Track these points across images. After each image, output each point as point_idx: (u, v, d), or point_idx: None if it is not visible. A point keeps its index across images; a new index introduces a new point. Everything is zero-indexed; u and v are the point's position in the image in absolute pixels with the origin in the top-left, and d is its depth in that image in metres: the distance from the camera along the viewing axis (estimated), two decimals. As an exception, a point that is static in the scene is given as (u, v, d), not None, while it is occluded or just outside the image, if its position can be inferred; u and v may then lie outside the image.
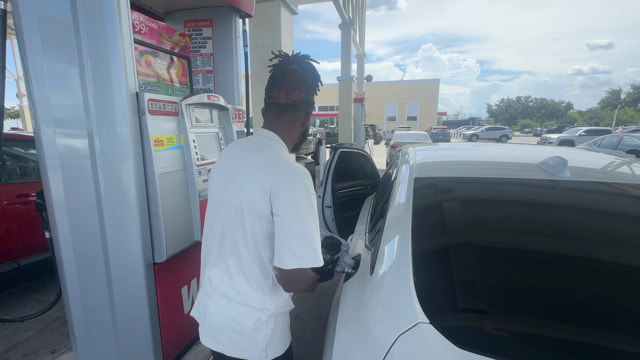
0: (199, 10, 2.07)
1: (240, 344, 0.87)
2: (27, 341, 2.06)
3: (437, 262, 0.90)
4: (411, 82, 32.45)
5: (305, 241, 0.79)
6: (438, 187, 1.24)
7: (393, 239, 1.04)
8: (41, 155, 1.36)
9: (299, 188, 0.80)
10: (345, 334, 0.85)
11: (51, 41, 1.24)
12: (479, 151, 1.85)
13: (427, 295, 0.77)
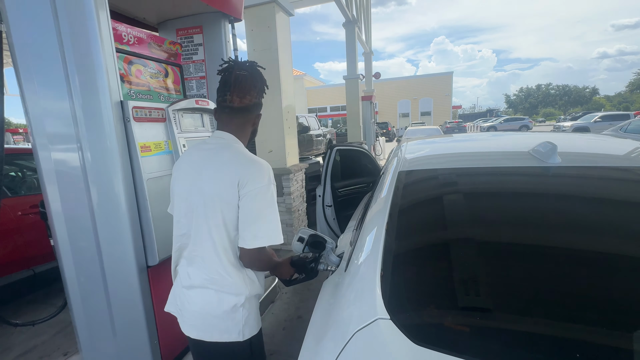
0: (189, 18, 2.12)
1: (220, 327, 0.96)
2: (42, 345, 2.17)
3: (408, 257, 0.87)
4: (423, 76, 31.78)
5: (264, 223, 0.91)
6: (420, 179, 1.20)
7: (369, 235, 1.01)
8: (39, 168, 1.42)
9: (262, 179, 0.91)
10: (313, 332, 0.83)
11: (39, 59, 1.29)
12: (474, 142, 1.79)
13: (392, 291, 0.74)
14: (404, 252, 0.88)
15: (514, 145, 1.52)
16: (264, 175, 0.92)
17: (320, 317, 0.88)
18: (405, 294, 0.75)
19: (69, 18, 1.22)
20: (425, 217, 1.02)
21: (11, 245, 2.25)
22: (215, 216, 0.92)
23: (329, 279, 1.12)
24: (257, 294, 1.04)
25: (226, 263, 0.94)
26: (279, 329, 2.20)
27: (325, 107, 31.61)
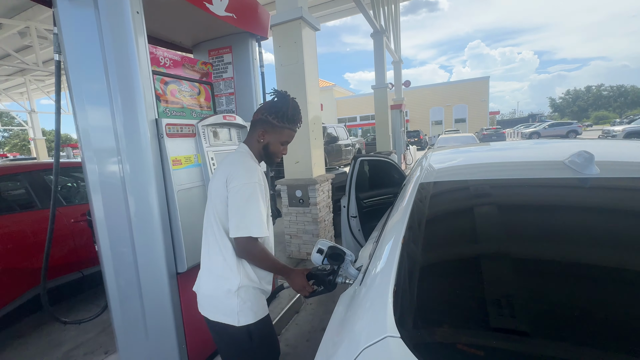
0: (220, 39, 2.26)
1: (218, 308, 1.11)
2: (87, 342, 2.36)
3: (423, 273, 0.83)
4: (457, 82, 30.68)
5: (243, 216, 1.04)
6: (442, 192, 1.16)
7: (385, 248, 0.99)
8: (86, 179, 1.59)
9: (243, 178, 1.06)
10: (325, 346, 0.83)
11: (88, 82, 1.46)
12: (504, 151, 1.69)
13: (404, 308, 0.72)
14: (419, 268, 0.85)
15: (548, 154, 1.41)
16: (246, 175, 1.06)
17: (333, 331, 0.87)
18: (418, 311, 0.72)
19: (113, 46, 1.37)
20: (444, 232, 0.98)
21: (64, 249, 2.51)
22: (214, 208, 1.10)
23: (346, 291, 1.11)
24: (255, 287, 1.13)
25: (223, 250, 1.09)
26: (302, 340, 2.19)
27: (355, 116, 31.64)
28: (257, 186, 1.06)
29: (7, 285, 2.19)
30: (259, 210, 1.05)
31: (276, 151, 1.19)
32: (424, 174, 1.38)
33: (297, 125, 1.19)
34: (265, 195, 1.13)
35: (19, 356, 2.24)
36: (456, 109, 29.46)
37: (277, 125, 1.13)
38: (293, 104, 1.15)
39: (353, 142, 11.44)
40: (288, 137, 1.19)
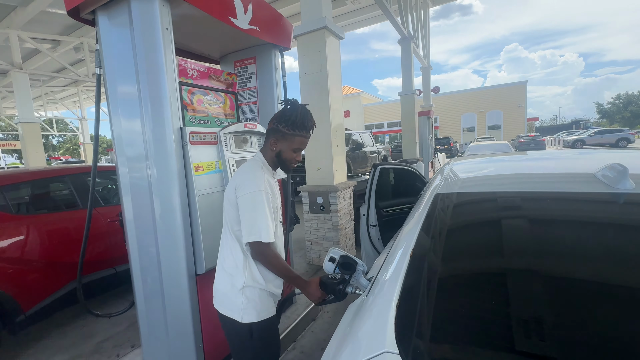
0: (245, 50, 2.36)
1: (224, 302, 1.20)
2: (118, 335, 2.51)
3: (430, 288, 0.81)
4: (492, 87, 29.31)
5: (253, 223, 1.10)
6: (458, 204, 1.12)
7: (394, 260, 0.97)
8: (119, 182, 1.72)
9: (250, 187, 1.12)
10: (326, 356, 0.82)
11: (123, 93, 1.59)
12: (531, 162, 1.59)
13: (407, 323, 0.70)
14: (426, 282, 0.82)
15: (578, 165, 1.31)
16: (253, 184, 1.12)
17: (337, 341, 0.86)
18: (420, 327, 0.70)
19: (145, 60, 1.48)
20: (457, 247, 0.94)
21: (100, 247, 2.70)
22: (227, 212, 1.19)
23: (354, 302, 1.10)
24: (261, 289, 1.18)
25: (233, 250, 1.18)
26: (317, 348, 2.18)
27: (383, 123, 31.29)
28: (264, 194, 1.12)
29: (51, 278, 2.40)
30: (265, 216, 1.11)
31: (289, 158, 1.22)
32: (441, 184, 1.34)
33: (308, 132, 1.21)
34: (273, 203, 1.17)
35: (58, 344, 2.43)
36: (490, 115, 28.15)
37: (288, 133, 1.17)
38: (302, 112, 1.18)
39: (379, 149, 11.31)
40: (300, 144, 1.21)
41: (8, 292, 2.15)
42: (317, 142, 3.54)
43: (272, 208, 1.16)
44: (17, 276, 2.22)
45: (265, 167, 1.23)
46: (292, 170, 1.29)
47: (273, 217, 1.16)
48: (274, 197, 1.19)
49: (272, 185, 1.19)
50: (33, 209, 2.59)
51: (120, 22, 1.53)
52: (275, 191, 1.21)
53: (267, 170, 1.23)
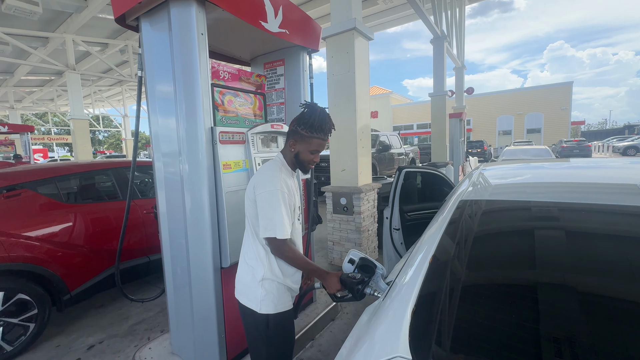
0: (274, 53, 2.43)
1: (244, 292, 1.27)
2: (149, 319, 2.68)
3: (449, 296, 0.79)
4: (532, 89, 27.49)
5: (269, 219, 1.16)
6: (482, 212, 1.08)
7: (413, 265, 0.96)
8: (154, 176, 1.84)
9: (267, 186, 1.18)
10: (340, 355, 0.83)
11: (161, 92, 1.70)
12: (570, 170, 1.49)
13: (422, 330, 0.70)
14: (445, 290, 0.81)
15: (624, 176, 1.21)
16: (270, 183, 1.18)
17: (352, 341, 0.87)
18: (436, 336, 0.69)
19: (181, 63, 1.57)
20: (479, 256, 0.92)
21: (136, 237, 2.90)
22: (247, 209, 1.26)
23: (372, 304, 1.10)
24: (279, 282, 1.24)
25: (253, 244, 1.26)
26: (335, 348, 2.19)
27: (412, 124, 30.52)
28: (279, 192, 1.17)
29: (94, 262, 2.62)
30: (281, 213, 1.16)
31: (306, 159, 1.26)
32: (468, 190, 1.30)
33: (326, 135, 1.25)
34: (290, 202, 1.22)
35: (97, 323, 2.65)
36: (529, 118, 26.47)
37: (306, 135, 1.22)
38: (321, 115, 1.21)
39: (406, 151, 11.06)
40: (318, 146, 1.25)
41: (57, 272, 2.38)
42: (343, 143, 3.55)
43: (289, 206, 1.21)
44: (65, 259, 2.44)
45: (285, 167, 1.28)
46: (309, 171, 1.33)
47: (289, 214, 1.21)
48: (291, 196, 1.24)
49: (289, 185, 1.23)
50: (80, 198, 2.84)
51: (160, 28, 1.63)
52: (292, 190, 1.26)
53: (286, 171, 1.28)
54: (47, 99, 18.15)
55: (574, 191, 1.11)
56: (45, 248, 2.35)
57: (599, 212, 0.90)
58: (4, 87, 13.72)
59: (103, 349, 2.31)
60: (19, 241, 2.25)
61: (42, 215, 2.43)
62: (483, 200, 1.16)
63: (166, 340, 2.09)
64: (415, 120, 30.31)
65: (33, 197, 2.45)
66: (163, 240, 1.89)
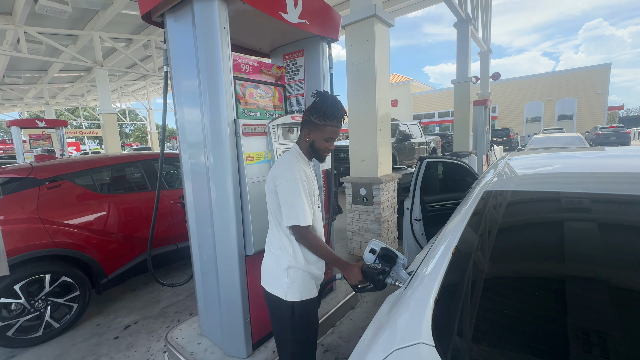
0: (294, 44, 2.42)
1: (271, 281, 1.31)
2: (178, 303, 2.84)
3: (473, 286, 0.79)
4: (565, 72, 25.73)
5: (291, 208, 1.19)
6: (508, 203, 1.06)
7: (435, 255, 0.97)
8: (181, 167, 1.92)
9: (287, 176, 1.21)
10: (361, 345, 0.86)
11: (186, 86, 1.76)
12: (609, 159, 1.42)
13: (445, 318, 0.71)
14: (468, 280, 0.81)
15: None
16: (289, 173, 1.20)
17: (373, 329, 0.90)
18: (459, 325, 0.70)
19: (204, 56, 1.61)
20: (504, 247, 0.91)
21: (164, 225, 3.06)
22: (269, 200, 1.30)
23: (393, 294, 1.12)
24: (304, 270, 1.27)
25: (278, 234, 1.29)
26: (355, 336, 2.24)
27: (433, 112, 29.61)
28: (299, 181, 1.19)
29: (127, 249, 2.79)
30: (302, 201, 1.18)
31: (321, 147, 1.28)
32: (493, 180, 1.27)
33: (339, 122, 1.26)
34: (310, 190, 1.25)
35: (132, 305, 2.84)
36: (561, 103, 24.94)
37: (319, 123, 1.23)
38: (332, 102, 1.22)
39: (427, 141, 10.79)
40: (331, 134, 1.26)
41: (95, 257, 2.56)
42: (362, 133, 3.52)
43: (309, 194, 1.24)
44: (102, 245, 2.62)
45: (301, 157, 1.31)
46: (324, 159, 1.35)
47: (310, 202, 1.24)
48: (310, 184, 1.26)
49: (307, 174, 1.26)
50: (112, 189, 3.01)
51: (184, 23, 1.68)
52: (310, 179, 1.28)
53: (303, 160, 1.30)
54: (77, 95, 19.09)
55: (607, 182, 1.06)
56: (84, 235, 2.53)
57: (634, 203, 0.86)
58: (40, 84, 14.54)
59: (138, 328, 2.48)
60: (61, 229, 2.43)
61: (80, 205, 2.61)
62: (509, 191, 1.13)
63: (195, 322, 2.22)
64: (436, 108, 29.37)
65: (71, 188, 2.63)
66: (190, 229, 1.99)
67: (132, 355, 2.16)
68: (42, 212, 2.38)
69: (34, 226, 2.31)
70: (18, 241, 2.21)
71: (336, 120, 1.24)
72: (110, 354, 2.20)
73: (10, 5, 7.10)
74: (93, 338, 2.38)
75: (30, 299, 2.26)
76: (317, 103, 1.24)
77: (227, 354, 1.87)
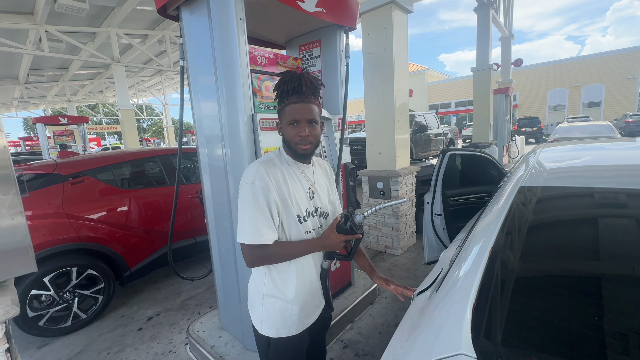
0: (310, 34, 2.35)
1: (250, 305, 1.10)
2: (198, 295, 2.89)
3: (515, 291, 0.73)
4: (591, 57, 24.32)
5: (239, 222, 0.96)
6: (550, 198, 0.98)
7: (469, 255, 0.91)
8: (199, 161, 1.92)
9: (242, 179, 0.99)
10: (392, 347, 0.82)
11: (203, 81, 1.73)
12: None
13: (486, 327, 0.66)
14: (511, 285, 0.75)
15: None
16: (243, 177, 0.99)
17: (403, 334, 0.86)
18: (503, 334, 0.65)
19: (221, 49, 1.58)
20: (550, 247, 0.84)
21: (183, 220, 3.10)
22: None
23: (421, 294, 1.07)
24: (284, 301, 1.01)
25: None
26: (374, 332, 2.21)
27: (449, 102, 28.78)
28: (249, 187, 0.95)
29: (148, 242, 2.85)
30: (248, 213, 0.94)
31: (290, 136, 1.00)
32: (528, 174, 1.19)
33: (299, 96, 0.96)
34: (274, 197, 0.96)
35: (154, 297, 2.91)
36: (587, 90, 23.69)
37: (280, 107, 1.01)
38: (288, 76, 0.98)
39: (444, 132, 10.51)
40: (294, 114, 0.97)
41: (118, 251, 2.62)
42: (379, 124, 3.43)
43: (271, 203, 0.96)
44: (124, 239, 2.68)
45: (280, 157, 1.05)
46: (303, 153, 1.02)
47: (269, 212, 0.95)
48: (281, 189, 0.98)
49: (280, 177, 0.99)
50: (132, 184, 3.07)
51: (200, 15, 1.64)
52: (284, 182, 1.00)
53: (282, 161, 1.04)
54: (97, 91, 19.62)
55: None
56: (107, 229, 2.59)
57: None
58: (61, 82, 15.01)
59: (160, 320, 2.54)
60: (85, 223, 2.50)
61: (102, 200, 2.67)
62: (548, 186, 1.05)
63: (215, 316, 2.24)
64: (453, 97, 28.52)
65: (94, 184, 2.69)
66: (209, 223, 1.99)
67: (156, 347, 2.21)
68: (67, 207, 2.44)
69: (60, 221, 2.38)
70: (46, 235, 2.29)
71: (296, 96, 0.96)
72: (134, 344, 2.26)
73: (31, 5, 7.29)
74: (118, 329, 2.45)
75: (58, 291, 2.35)
76: (280, 81, 1.00)
77: (248, 349, 1.88)
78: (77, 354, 2.19)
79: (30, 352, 2.25)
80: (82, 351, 2.22)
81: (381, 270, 3.13)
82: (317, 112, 1.01)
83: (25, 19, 7.66)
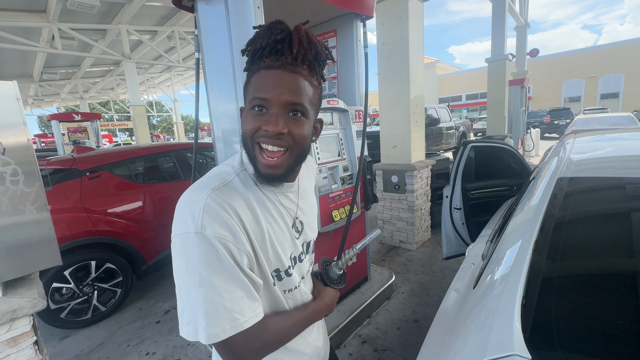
0: (325, 24, 2.30)
1: None
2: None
3: (567, 286, 0.69)
4: (609, 46, 23.38)
5: (192, 307, 0.56)
6: (591, 189, 0.92)
7: (509, 250, 0.86)
8: (215, 156, 1.90)
9: (180, 227, 0.58)
10: (431, 343, 0.78)
11: (219, 74, 1.70)
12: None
13: (538, 326, 0.61)
14: (561, 279, 0.71)
15: None
16: (182, 216, 0.57)
17: (441, 330, 0.82)
18: (558, 334, 0.60)
19: (238, 40, 1.54)
20: (600, 242, 0.78)
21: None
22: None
23: (455, 287, 1.02)
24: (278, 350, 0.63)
25: None
26: (393, 327, 2.18)
27: (460, 95, 28.22)
28: (195, 242, 0.52)
29: (162, 237, 2.87)
30: (204, 293, 0.52)
31: (246, 132, 0.58)
32: (563, 166, 1.12)
33: (275, 58, 0.55)
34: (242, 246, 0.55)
35: (170, 291, 2.94)
36: (604, 80, 22.90)
37: (247, 80, 0.59)
38: (262, 28, 0.60)
39: (456, 125, 10.31)
40: (262, 87, 0.55)
41: (135, 245, 2.64)
42: (394, 117, 3.36)
43: (236, 256, 0.54)
44: (140, 233, 2.70)
45: (248, 174, 0.63)
46: (265, 164, 0.58)
47: (241, 271, 0.54)
48: (249, 234, 0.57)
49: (240, 213, 0.56)
50: (147, 179, 3.08)
51: (216, 4, 1.60)
52: (253, 221, 0.58)
53: (245, 183, 0.61)
54: (108, 88, 19.90)
55: None
56: (124, 224, 2.62)
57: None
58: (74, 79, 15.26)
59: (177, 314, 2.55)
60: (103, 217, 2.52)
61: (119, 195, 2.68)
62: (591, 177, 0.99)
63: (232, 310, 2.25)
64: (463, 90, 27.95)
65: (110, 178, 2.70)
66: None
67: (174, 340, 2.23)
68: (85, 201, 2.47)
69: (79, 215, 2.41)
70: (65, 229, 2.31)
71: (274, 57, 0.56)
72: (153, 337, 2.28)
73: (44, 3, 7.37)
74: (137, 321, 2.48)
75: (78, 284, 2.38)
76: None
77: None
78: (97, 346, 2.23)
79: (52, 343, 2.30)
80: (103, 343, 2.26)
81: (396, 265, 3.09)
82: (307, 92, 0.57)
83: (38, 17, 7.77)
